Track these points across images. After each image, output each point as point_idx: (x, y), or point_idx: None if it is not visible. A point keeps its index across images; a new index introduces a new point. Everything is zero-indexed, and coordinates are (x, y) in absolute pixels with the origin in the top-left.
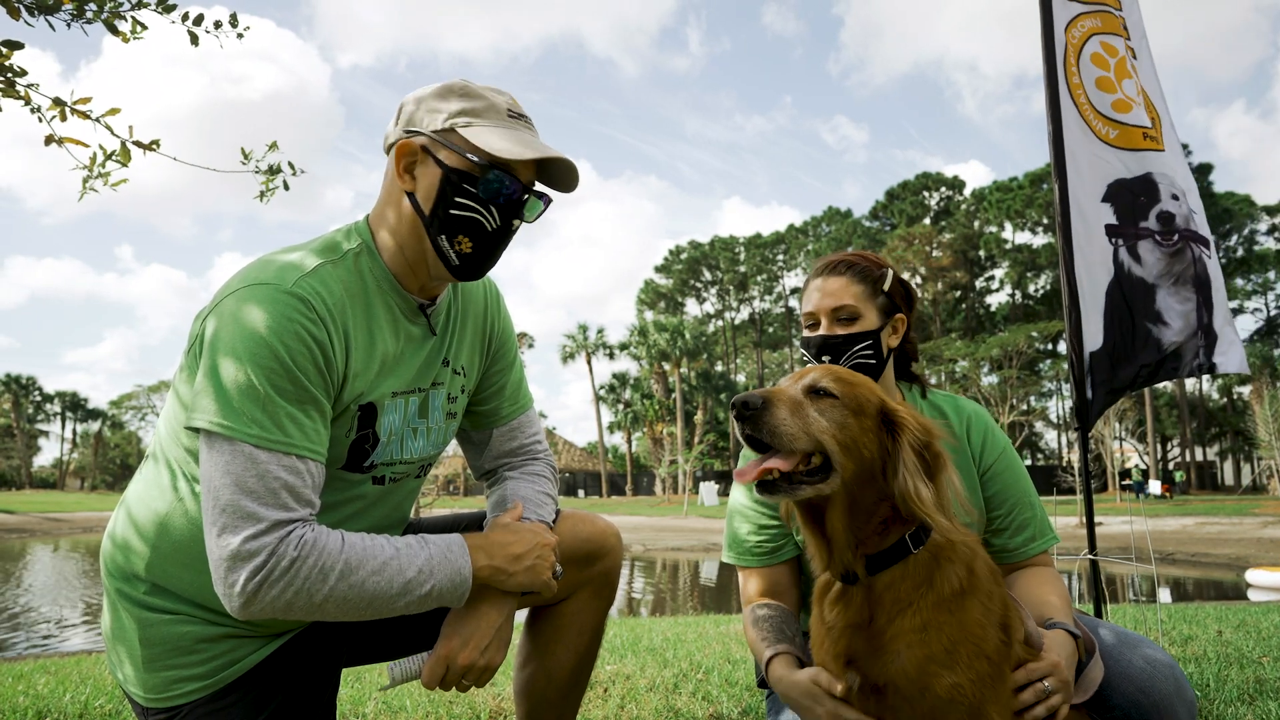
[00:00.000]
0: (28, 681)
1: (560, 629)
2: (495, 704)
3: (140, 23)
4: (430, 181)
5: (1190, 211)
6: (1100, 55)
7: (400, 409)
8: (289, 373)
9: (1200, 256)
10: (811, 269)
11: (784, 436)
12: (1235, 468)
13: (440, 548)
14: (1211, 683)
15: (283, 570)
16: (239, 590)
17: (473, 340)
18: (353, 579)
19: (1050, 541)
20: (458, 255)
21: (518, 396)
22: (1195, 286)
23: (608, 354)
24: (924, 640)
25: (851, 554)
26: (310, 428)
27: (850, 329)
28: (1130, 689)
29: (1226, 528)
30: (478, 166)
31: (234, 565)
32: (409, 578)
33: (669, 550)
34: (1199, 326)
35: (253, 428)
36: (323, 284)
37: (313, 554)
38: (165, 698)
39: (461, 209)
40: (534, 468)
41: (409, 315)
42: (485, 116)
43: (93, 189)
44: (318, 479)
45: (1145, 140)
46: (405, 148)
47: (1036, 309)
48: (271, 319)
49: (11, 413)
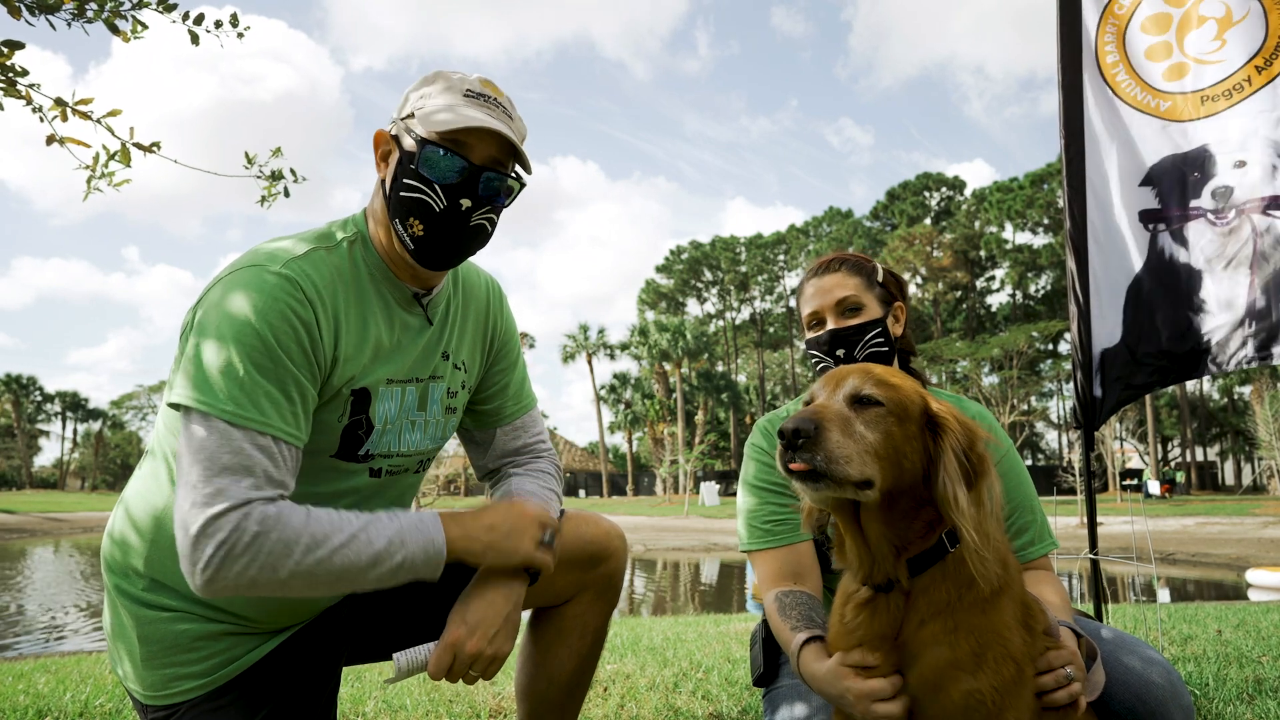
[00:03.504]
0: (28, 680)
1: (563, 630)
2: (495, 703)
3: (141, 22)
4: (391, 166)
5: (1270, 170)
6: (1159, 16)
7: (397, 398)
8: (270, 351)
9: (1270, 227)
10: (803, 275)
11: (840, 461)
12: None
13: (412, 519)
14: (1211, 682)
15: (245, 545)
16: (201, 566)
17: (474, 336)
18: (319, 552)
19: (1049, 546)
20: (412, 239)
21: (521, 396)
22: (1250, 267)
23: (608, 354)
24: (952, 643)
25: (894, 561)
26: (288, 410)
27: (857, 319)
28: (1125, 694)
29: (1227, 528)
30: (420, 145)
31: (199, 541)
32: (378, 549)
33: (670, 550)
34: (1247, 313)
35: (228, 404)
36: (313, 267)
37: (275, 528)
38: (164, 695)
39: (409, 190)
40: (539, 465)
41: (403, 304)
42: (441, 97)
43: (97, 189)
44: (291, 462)
45: (1205, 104)
46: (379, 137)
47: (1037, 309)
48: (257, 298)
49: (12, 413)
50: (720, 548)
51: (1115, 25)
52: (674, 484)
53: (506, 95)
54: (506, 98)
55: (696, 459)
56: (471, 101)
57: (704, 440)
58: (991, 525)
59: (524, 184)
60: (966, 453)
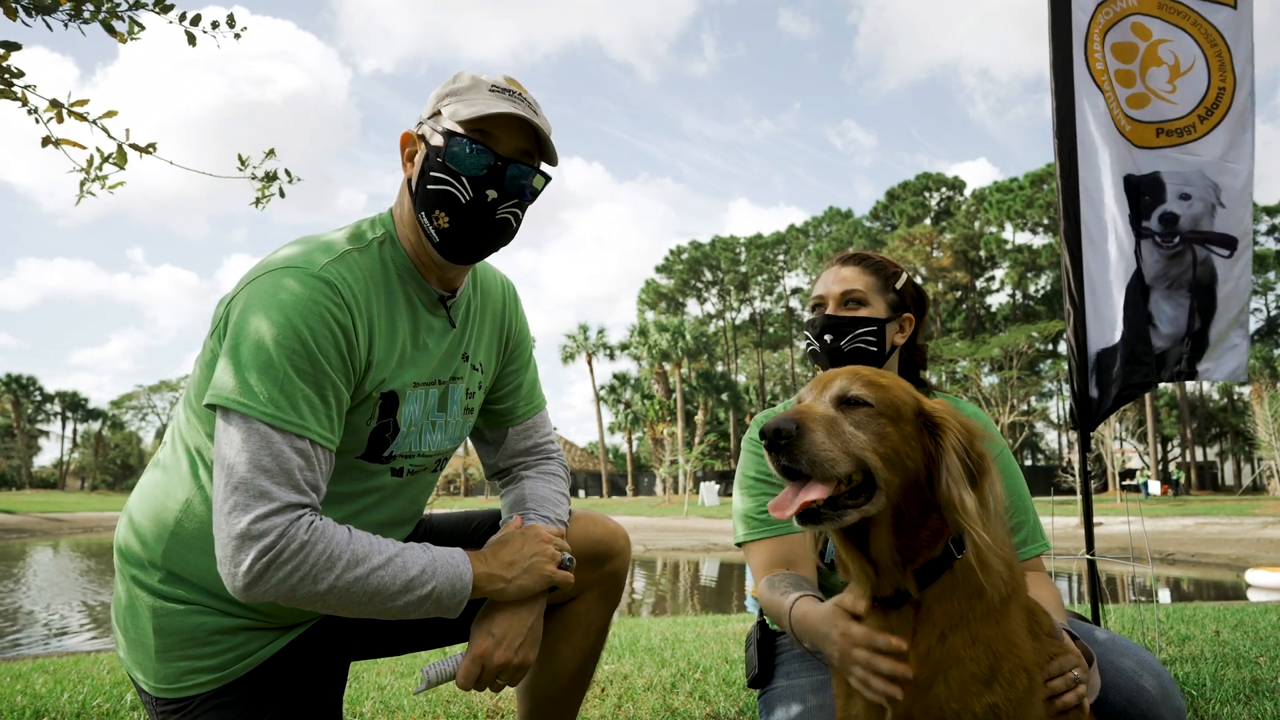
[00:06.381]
0: (26, 681)
1: (566, 628)
2: (493, 703)
3: (138, 23)
4: (417, 163)
5: (1210, 208)
6: (1125, 44)
7: (421, 400)
8: (310, 355)
9: (1206, 259)
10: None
11: (824, 464)
12: (1235, 468)
13: (443, 554)
14: (1208, 682)
15: (292, 553)
16: (245, 569)
17: (490, 337)
18: (358, 570)
19: (1042, 548)
20: (437, 231)
21: (533, 396)
22: (1191, 290)
23: (608, 354)
24: (972, 657)
25: (901, 573)
26: (324, 414)
27: (855, 312)
28: (1118, 696)
29: (1226, 528)
30: (447, 138)
31: (243, 544)
32: (411, 575)
33: (669, 550)
34: (1186, 333)
35: (269, 406)
36: (349, 270)
37: (322, 540)
38: (177, 688)
39: (435, 183)
40: (548, 467)
41: (429, 306)
42: (467, 93)
43: (90, 192)
44: (326, 467)
45: (1159, 137)
46: (405, 138)
47: (1037, 309)
48: (297, 301)
49: (12, 413)
50: (720, 548)
51: (1100, 37)
52: (674, 484)
53: (531, 95)
54: (532, 97)
55: (696, 459)
56: (497, 95)
57: (704, 440)
58: (997, 527)
59: (549, 178)
60: (967, 451)
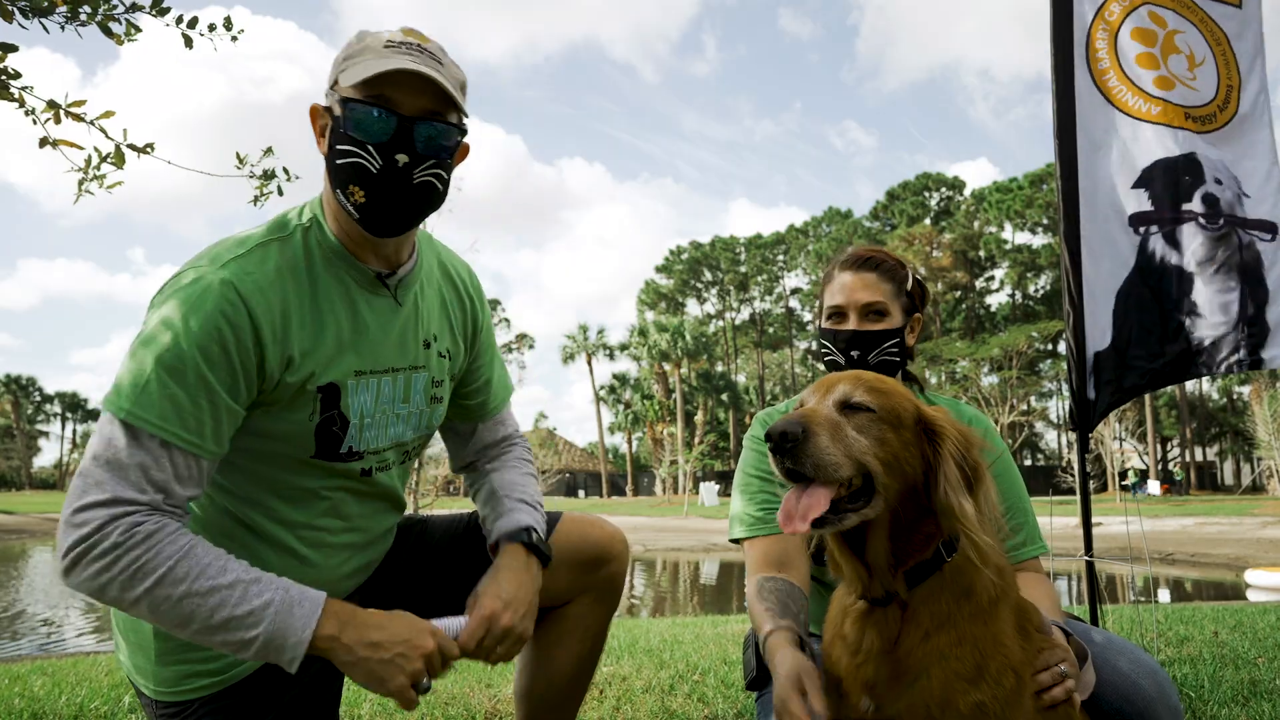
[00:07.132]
0: (23, 683)
1: (563, 632)
2: (491, 705)
3: (134, 25)
4: (327, 137)
5: (1237, 197)
6: (1145, 30)
7: (372, 390)
8: (183, 356)
9: (1250, 243)
10: (838, 260)
11: (828, 468)
12: (1235, 468)
13: (291, 600)
14: (1206, 684)
15: (103, 551)
16: (62, 555)
17: (455, 322)
18: (170, 590)
19: (1040, 549)
20: (355, 207)
21: (504, 387)
22: (1240, 275)
23: (608, 354)
24: (958, 655)
25: (892, 575)
26: (192, 415)
27: (880, 325)
28: (1114, 695)
29: (1226, 528)
30: (344, 105)
31: (66, 530)
32: (232, 615)
33: (669, 550)
34: (1240, 319)
35: (126, 403)
36: (256, 264)
37: (138, 547)
38: (177, 692)
39: (343, 156)
40: (514, 454)
41: (366, 286)
42: (360, 55)
43: (89, 191)
44: (184, 470)
45: (1188, 121)
46: (313, 111)
47: (1037, 309)
48: (185, 300)
49: (11, 413)
50: (719, 548)
51: (1107, 30)
52: (673, 484)
53: (436, 43)
54: (436, 44)
55: (696, 459)
56: (393, 50)
57: (703, 441)
58: (990, 531)
59: (464, 131)
60: (964, 458)
